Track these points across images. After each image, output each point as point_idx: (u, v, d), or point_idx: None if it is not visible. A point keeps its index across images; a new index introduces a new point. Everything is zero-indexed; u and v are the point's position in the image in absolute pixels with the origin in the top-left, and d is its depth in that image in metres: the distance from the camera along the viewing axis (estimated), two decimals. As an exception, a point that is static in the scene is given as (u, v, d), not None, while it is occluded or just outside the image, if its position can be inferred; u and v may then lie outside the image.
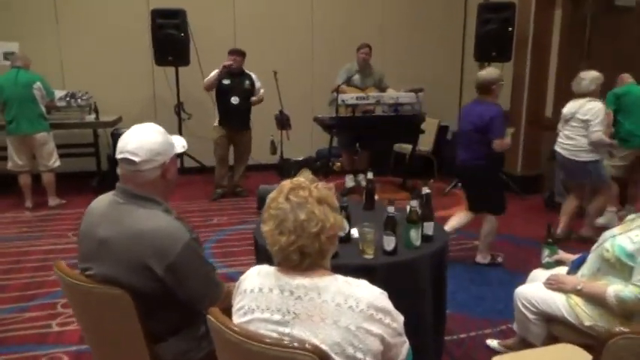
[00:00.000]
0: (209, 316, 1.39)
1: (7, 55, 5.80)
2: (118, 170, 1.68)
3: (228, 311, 1.46)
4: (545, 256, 2.49)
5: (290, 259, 1.30)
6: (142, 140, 1.65)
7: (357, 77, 5.61)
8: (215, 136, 5.42)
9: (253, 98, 5.33)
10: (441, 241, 2.28)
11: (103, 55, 6.18)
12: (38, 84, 5.01)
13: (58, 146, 5.31)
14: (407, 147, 6.20)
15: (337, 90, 5.21)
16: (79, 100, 5.69)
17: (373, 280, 1.87)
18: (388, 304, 1.32)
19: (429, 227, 2.24)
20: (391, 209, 2.08)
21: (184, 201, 5.44)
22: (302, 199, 1.31)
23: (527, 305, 2.26)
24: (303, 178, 3.12)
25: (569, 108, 4.12)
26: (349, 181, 5.88)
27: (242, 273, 1.36)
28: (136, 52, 6.22)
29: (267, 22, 6.61)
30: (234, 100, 5.26)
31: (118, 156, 1.64)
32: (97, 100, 5.78)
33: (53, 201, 5.27)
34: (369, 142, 5.97)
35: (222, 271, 3.68)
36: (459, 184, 5.91)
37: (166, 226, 1.62)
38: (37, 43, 5.94)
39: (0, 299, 3.28)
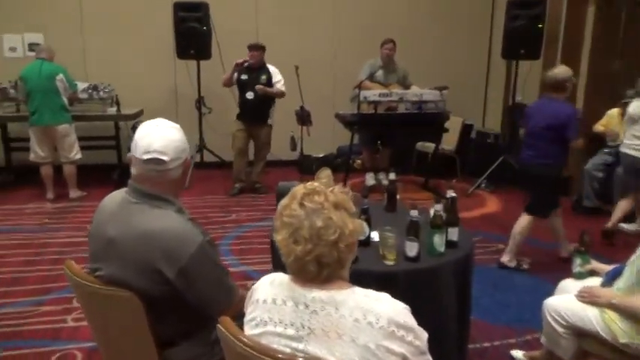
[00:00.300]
0: (219, 326, 1.31)
1: (32, 46, 5.86)
2: (133, 170, 1.61)
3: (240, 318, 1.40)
4: (577, 265, 2.36)
5: (307, 270, 1.21)
6: (167, 138, 1.58)
7: (380, 73, 5.49)
8: (234, 129, 5.40)
9: (259, 86, 5.20)
10: (466, 247, 2.17)
11: (126, 47, 6.18)
12: (61, 76, 5.02)
13: (80, 138, 5.33)
14: (430, 145, 6.07)
15: (359, 86, 5.10)
16: (101, 93, 5.70)
17: (394, 288, 1.79)
18: (411, 320, 1.22)
19: (453, 233, 2.12)
20: (414, 213, 1.98)
21: (203, 195, 5.41)
22: (317, 204, 1.22)
23: (557, 318, 2.13)
24: (323, 175, 3.03)
25: (634, 107, 3.97)
26: (370, 180, 5.77)
27: (260, 271, 1.30)
28: (158, 45, 6.20)
29: (290, 15, 6.53)
30: (249, 95, 5.23)
31: (144, 156, 1.55)
32: (118, 92, 5.78)
33: (74, 193, 5.29)
34: (390, 140, 5.86)
35: (240, 269, 3.63)
36: (484, 185, 5.80)
37: (178, 228, 1.55)
38: (61, 34, 5.97)
39: (17, 292, 3.28)
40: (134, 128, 5.98)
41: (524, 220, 3.70)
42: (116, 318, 1.61)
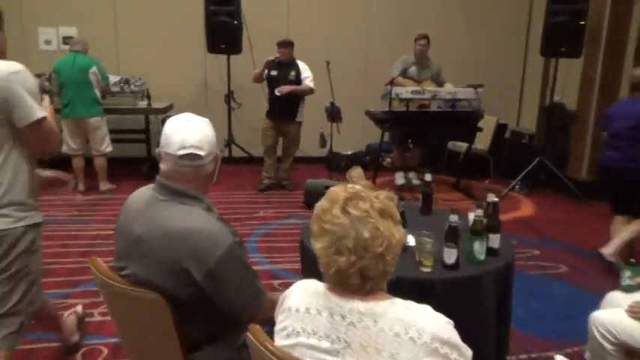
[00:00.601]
0: (248, 334, 1.24)
1: (67, 40, 5.92)
2: (163, 166, 1.56)
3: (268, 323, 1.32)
4: (626, 277, 2.20)
5: (349, 282, 1.13)
6: (202, 132, 1.54)
7: (413, 69, 5.36)
8: (263, 127, 5.36)
9: (285, 87, 5.11)
10: (508, 255, 2.05)
11: (158, 41, 6.20)
12: (94, 68, 5.05)
13: (110, 131, 5.36)
14: (462, 145, 5.91)
15: (392, 83, 4.98)
16: (132, 86, 5.73)
17: (431, 296, 1.69)
18: (455, 336, 1.13)
19: (494, 239, 2.01)
20: (454, 218, 1.87)
21: (231, 191, 5.38)
22: (363, 212, 1.12)
23: (605, 334, 2.00)
24: (355, 174, 2.94)
25: None
26: (399, 179, 5.65)
27: (287, 270, 1.23)
28: (189, 39, 6.20)
29: (322, 10, 6.44)
30: (278, 91, 5.17)
31: (179, 152, 1.50)
32: (149, 86, 5.80)
33: (104, 185, 5.33)
34: (422, 139, 5.72)
35: (266, 268, 3.57)
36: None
37: (207, 227, 1.48)
38: (95, 28, 6.02)
39: (45, 284, 3.25)
40: (164, 122, 6.00)
41: (635, 225, 3.58)
42: (142, 319, 1.56)
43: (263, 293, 1.59)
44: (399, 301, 1.15)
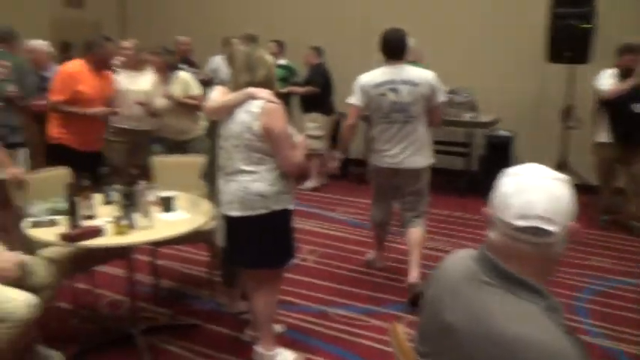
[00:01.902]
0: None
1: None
2: (493, 234, 1.17)
3: None
4: None
5: None
6: (555, 197, 1.10)
7: None
8: (601, 155, 4.46)
9: None
10: None
11: (489, 50, 5.83)
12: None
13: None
14: None
15: None
16: (460, 98, 5.54)
17: None
18: None
19: None
20: None
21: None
22: None
23: None
24: None
25: None
26: None
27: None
28: (524, 47, 5.61)
29: None
30: (638, 107, 4.11)
31: (519, 222, 1.10)
32: (476, 97, 5.49)
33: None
34: None
35: (597, 342, 2.75)
36: None
37: (551, 344, 1.02)
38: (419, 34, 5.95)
39: (354, 295, 3.28)
40: (488, 137, 5.52)
41: None
42: None
43: None
44: None
